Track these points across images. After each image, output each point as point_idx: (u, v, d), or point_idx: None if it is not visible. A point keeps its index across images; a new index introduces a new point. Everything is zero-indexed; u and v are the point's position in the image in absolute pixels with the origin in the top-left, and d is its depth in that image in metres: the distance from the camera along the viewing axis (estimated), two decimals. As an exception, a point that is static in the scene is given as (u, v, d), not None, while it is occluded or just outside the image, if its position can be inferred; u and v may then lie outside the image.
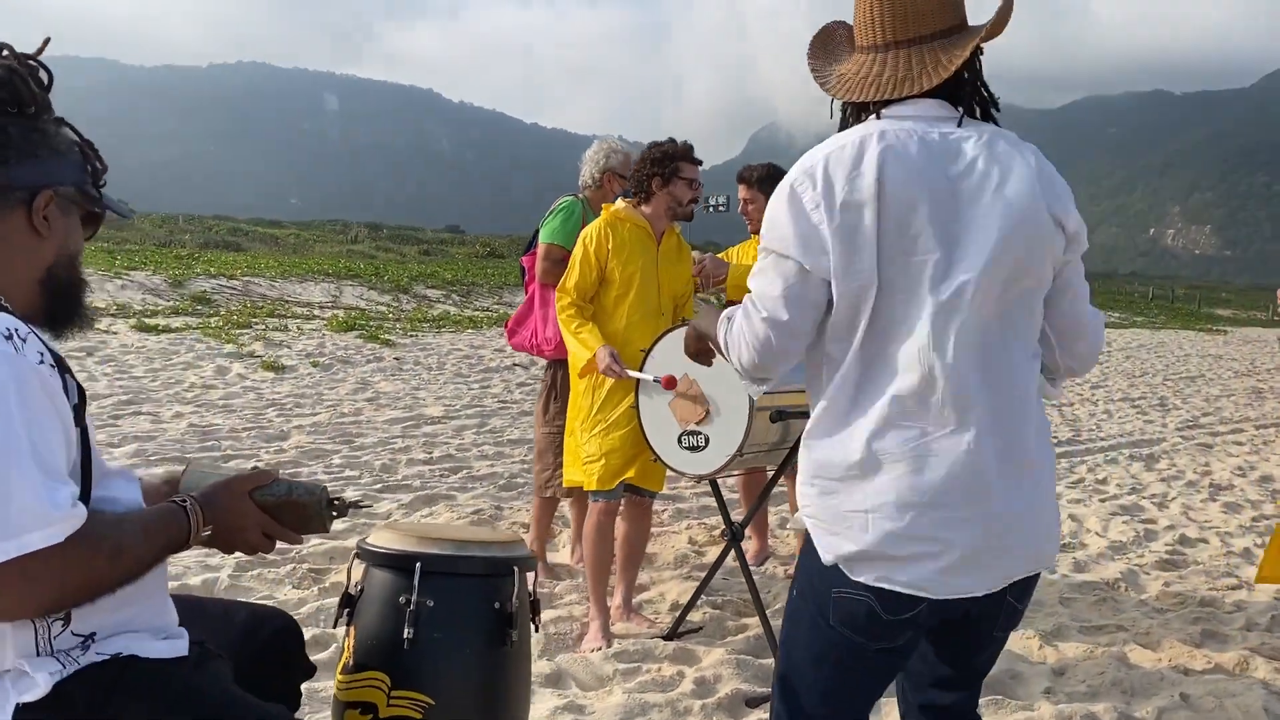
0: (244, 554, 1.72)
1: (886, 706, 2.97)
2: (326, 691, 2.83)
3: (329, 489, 1.77)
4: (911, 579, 1.62)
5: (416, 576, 1.85)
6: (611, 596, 3.80)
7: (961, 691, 1.90)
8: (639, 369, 3.45)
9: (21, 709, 1.44)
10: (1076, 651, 3.67)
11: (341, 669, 1.93)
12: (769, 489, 3.82)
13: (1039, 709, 3.18)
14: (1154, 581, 4.69)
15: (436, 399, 8.94)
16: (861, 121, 1.71)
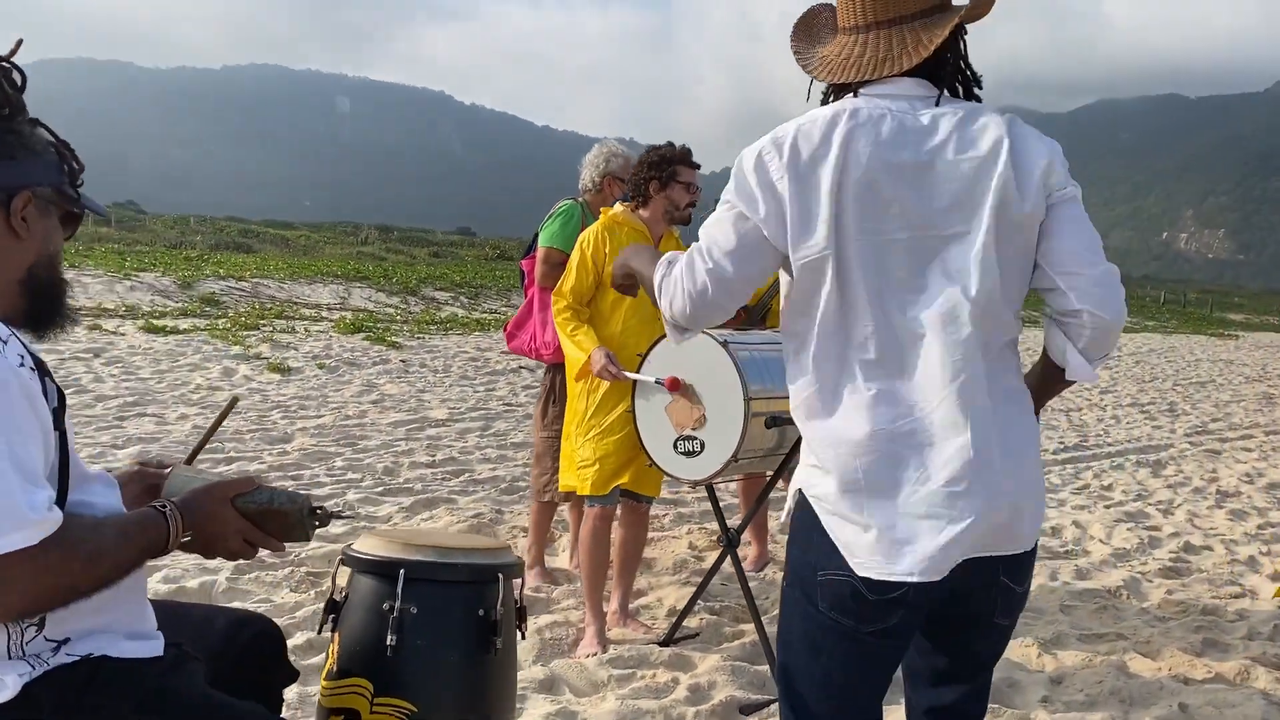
0: (226, 560, 1.72)
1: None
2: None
3: (311, 498, 1.77)
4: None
5: (400, 583, 1.85)
6: (608, 602, 3.79)
7: (963, 686, 1.86)
8: (636, 373, 3.44)
9: None
10: (1075, 660, 3.64)
11: (326, 675, 1.93)
12: (766, 493, 3.81)
13: (1035, 717, 3.16)
14: (1156, 589, 4.66)
15: (441, 401, 8.95)
16: None
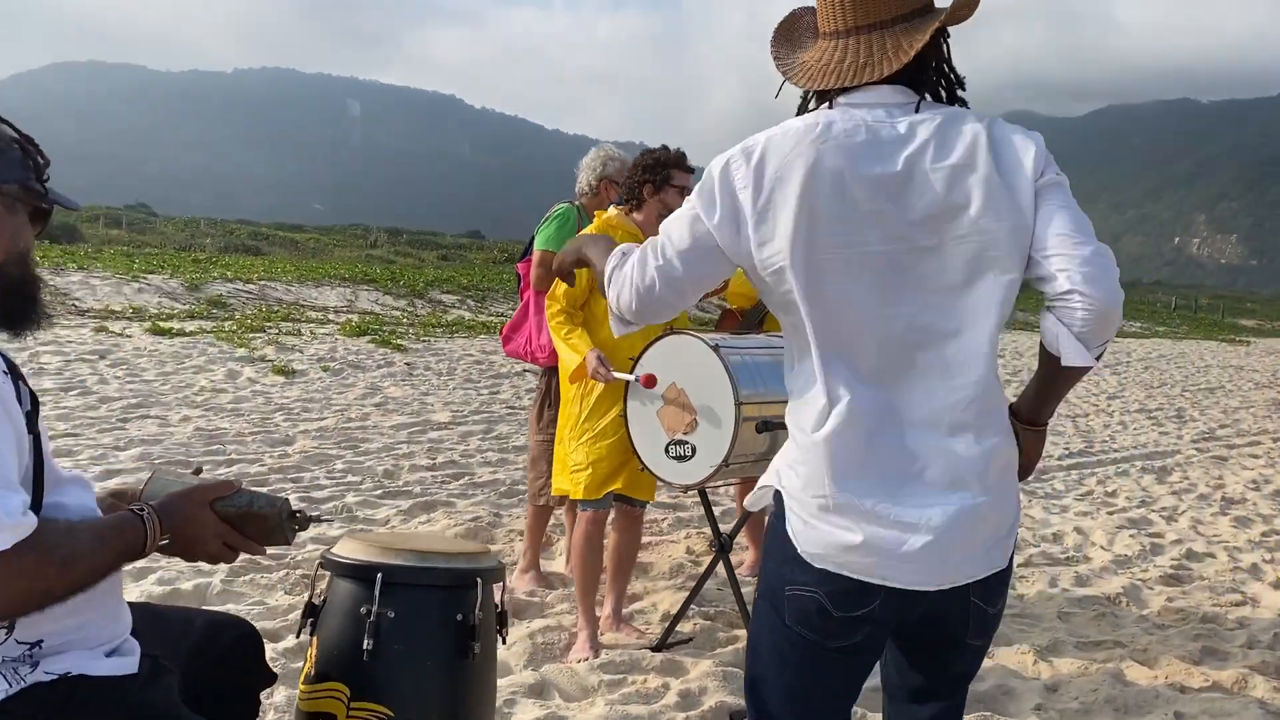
0: (207, 564, 1.72)
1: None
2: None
3: (291, 501, 1.77)
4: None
5: (377, 587, 1.85)
6: (601, 606, 3.78)
7: (941, 702, 1.85)
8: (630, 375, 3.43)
9: None
10: (1071, 668, 3.61)
11: (304, 679, 1.93)
12: (761, 499, 3.79)
13: (1028, 726, 3.14)
14: (1156, 597, 4.62)
15: (444, 404, 8.95)
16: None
